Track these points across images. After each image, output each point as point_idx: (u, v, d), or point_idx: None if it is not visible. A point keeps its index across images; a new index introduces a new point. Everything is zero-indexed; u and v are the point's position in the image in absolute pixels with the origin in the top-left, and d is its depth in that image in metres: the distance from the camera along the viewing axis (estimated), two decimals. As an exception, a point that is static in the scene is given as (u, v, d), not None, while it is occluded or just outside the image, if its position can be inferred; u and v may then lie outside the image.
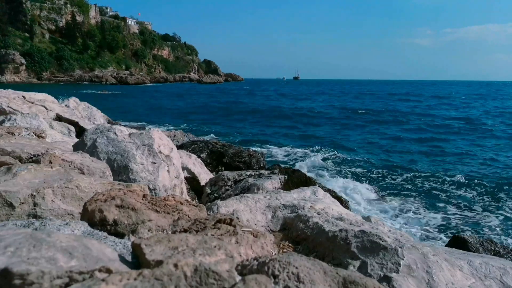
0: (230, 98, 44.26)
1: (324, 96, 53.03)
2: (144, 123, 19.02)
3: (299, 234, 2.36)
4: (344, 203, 4.55)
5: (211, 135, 16.87)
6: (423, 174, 11.18)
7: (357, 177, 10.69)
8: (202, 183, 4.81)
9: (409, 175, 11.05)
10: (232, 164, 6.43)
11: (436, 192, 9.47)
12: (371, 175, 10.98)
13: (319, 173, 10.98)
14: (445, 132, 20.05)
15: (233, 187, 4.22)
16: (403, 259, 1.84)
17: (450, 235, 6.45)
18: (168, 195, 1.79)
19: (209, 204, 2.75)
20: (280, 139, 16.98)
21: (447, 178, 10.78)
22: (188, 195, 4.07)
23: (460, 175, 11.07)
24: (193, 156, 5.34)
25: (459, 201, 8.86)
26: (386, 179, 10.66)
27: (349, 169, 11.59)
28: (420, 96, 58.73)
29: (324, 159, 12.86)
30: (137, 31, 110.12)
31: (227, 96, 49.77)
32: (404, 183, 10.28)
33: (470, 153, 14.65)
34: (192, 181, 4.80)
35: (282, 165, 6.58)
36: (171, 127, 17.77)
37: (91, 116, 8.31)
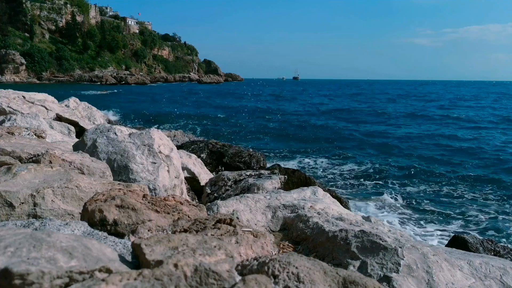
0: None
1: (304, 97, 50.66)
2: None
3: (299, 234, 2.36)
4: (344, 203, 4.55)
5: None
6: (420, 174, 11.18)
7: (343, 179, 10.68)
8: (202, 183, 4.81)
9: (405, 175, 11.05)
10: (232, 164, 6.42)
11: (434, 192, 9.47)
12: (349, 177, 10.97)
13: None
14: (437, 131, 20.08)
15: (233, 187, 4.22)
16: (403, 259, 1.84)
17: (450, 235, 6.45)
18: (168, 195, 1.79)
19: (209, 204, 2.75)
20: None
21: (445, 177, 10.78)
22: (188, 195, 4.07)
23: (459, 174, 11.08)
24: (193, 156, 5.34)
25: (459, 200, 8.86)
26: (374, 179, 10.66)
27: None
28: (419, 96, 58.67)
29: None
30: (137, 31, 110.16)
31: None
32: (401, 182, 10.28)
33: (470, 151, 14.65)
34: (192, 181, 4.80)
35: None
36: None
37: (91, 116, 8.31)
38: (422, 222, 7.48)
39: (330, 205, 2.84)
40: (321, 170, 11.62)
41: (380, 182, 10.25)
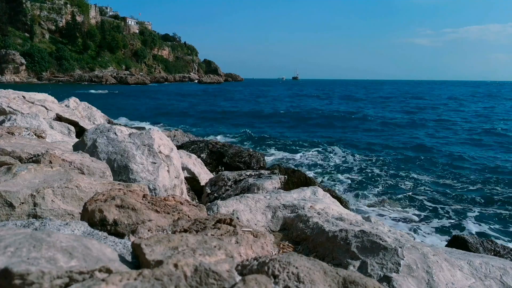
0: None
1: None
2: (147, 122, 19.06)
3: (299, 234, 2.36)
4: (344, 203, 4.55)
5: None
6: (418, 174, 11.18)
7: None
8: (202, 183, 4.81)
9: (404, 175, 11.06)
10: (232, 164, 6.42)
11: (433, 192, 9.47)
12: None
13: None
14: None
15: (233, 187, 4.22)
16: (403, 259, 1.84)
17: (450, 235, 6.45)
18: (168, 195, 1.79)
19: (209, 204, 2.75)
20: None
21: (442, 177, 10.78)
22: (188, 195, 4.07)
23: (457, 175, 11.09)
24: (193, 156, 5.34)
25: (459, 200, 8.86)
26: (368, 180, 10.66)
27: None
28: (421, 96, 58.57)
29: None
30: (137, 31, 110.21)
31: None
32: (398, 183, 10.28)
33: (463, 154, 14.65)
34: (192, 181, 4.80)
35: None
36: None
37: (91, 116, 8.31)
38: (422, 222, 7.48)
39: (330, 205, 2.84)
40: (321, 169, 11.62)
41: (381, 182, 10.25)
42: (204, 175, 5.00)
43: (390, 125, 22.78)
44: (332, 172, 11.38)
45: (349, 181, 10.31)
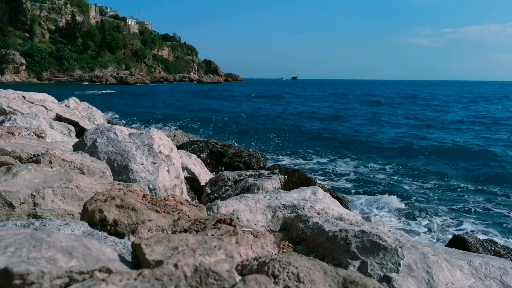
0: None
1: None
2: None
3: (299, 234, 2.36)
4: (344, 203, 4.55)
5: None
6: (419, 174, 11.18)
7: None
8: (202, 183, 4.81)
9: (404, 175, 11.06)
10: (232, 164, 6.42)
11: (433, 191, 9.47)
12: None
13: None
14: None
15: (233, 187, 4.22)
16: (403, 259, 1.84)
17: (450, 235, 6.44)
18: (168, 195, 1.79)
19: (209, 204, 2.75)
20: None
21: (442, 177, 10.78)
22: (188, 195, 4.07)
23: (456, 173, 11.09)
24: (193, 156, 5.34)
25: (458, 200, 8.86)
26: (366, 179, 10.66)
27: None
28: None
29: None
30: (137, 31, 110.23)
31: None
32: (397, 182, 10.28)
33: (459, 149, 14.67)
34: (192, 181, 4.80)
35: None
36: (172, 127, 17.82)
37: (91, 116, 8.31)
38: (422, 222, 7.47)
39: (330, 205, 2.84)
40: (321, 169, 11.62)
41: (381, 182, 10.25)
42: (204, 175, 5.00)
43: (386, 125, 22.85)
44: (332, 173, 11.38)
45: (349, 181, 10.31)
